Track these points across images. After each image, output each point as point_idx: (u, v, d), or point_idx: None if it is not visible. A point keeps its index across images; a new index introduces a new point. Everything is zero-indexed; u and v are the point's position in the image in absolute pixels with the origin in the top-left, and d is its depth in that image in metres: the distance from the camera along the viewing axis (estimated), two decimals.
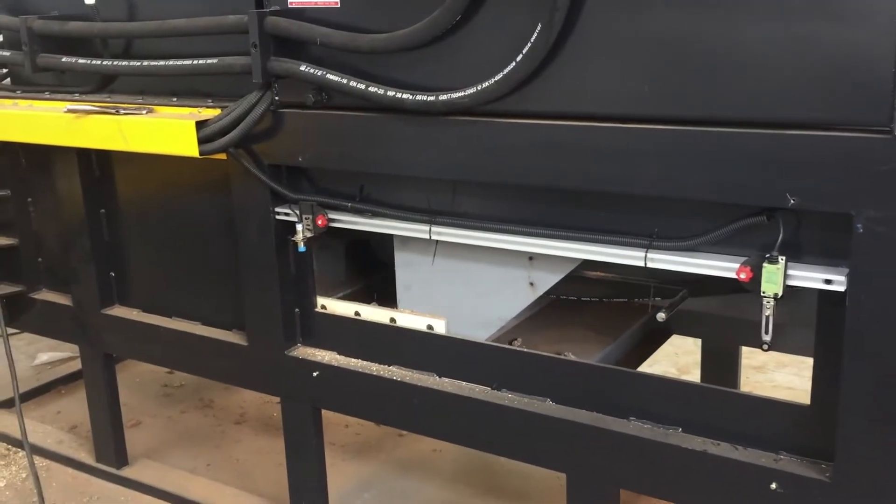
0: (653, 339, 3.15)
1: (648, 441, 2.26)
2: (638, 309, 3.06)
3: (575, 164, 2.15)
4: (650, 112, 2.05)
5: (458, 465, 3.69)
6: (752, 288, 2.00)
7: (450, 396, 2.59)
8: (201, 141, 2.69)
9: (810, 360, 4.36)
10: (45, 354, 5.05)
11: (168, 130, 2.74)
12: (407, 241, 2.72)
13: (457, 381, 2.63)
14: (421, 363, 2.70)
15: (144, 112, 2.87)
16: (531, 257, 2.55)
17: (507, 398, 2.52)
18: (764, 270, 1.96)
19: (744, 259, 2.03)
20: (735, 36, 1.90)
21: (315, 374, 2.84)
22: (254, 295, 2.92)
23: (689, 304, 3.02)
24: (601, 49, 2.08)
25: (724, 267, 2.07)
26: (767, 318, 2.00)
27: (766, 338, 2.03)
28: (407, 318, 2.75)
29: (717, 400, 2.24)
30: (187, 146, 2.71)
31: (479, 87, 2.20)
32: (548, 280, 2.58)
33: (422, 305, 2.76)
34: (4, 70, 3.69)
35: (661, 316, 2.62)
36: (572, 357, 2.59)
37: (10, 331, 4.80)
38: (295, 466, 3.04)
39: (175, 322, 3.27)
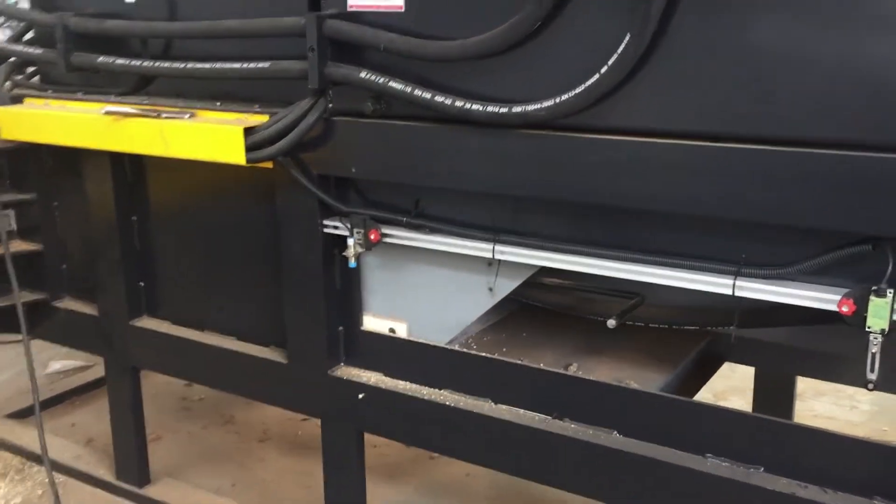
0: (707, 367, 3.01)
1: (728, 480, 2.12)
2: (681, 333, 2.93)
3: (661, 185, 2.02)
4: (746, 131, 1.92)
5: (494, 492, 3.54)
6: (854, 322, 1.87)
7: (507, 424, 2.45)
8: (249, 148, 2.56)
9: (849, 389, 4.29)
10: (57, 363, 4.89)
11: (214, 137, 2.61)
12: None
13: (514, 409, 2.49)
14: (474, 388, 2.56)
15: (187, 116, 2.73)
16: (490, 262, 2.51)
17: (569, 428, 2.38)
18: (871, 304, 1.83)
19: (845, 291, 1.90)
20: (848, 51, 1.77)
21: (361, 395, 2.69)
22: (296, 311, 2.78)
23: (743, 330, 2.89)
24: (692, 62, 1.95)
25: (821, 298, 1.94)
26: (874, 355, 1.86)
27: (872, 376, 1.89)
28: (370, 321, 2.78)
29: (803, 439, 2.10)
30: (234, 154, 2.57)
31: (558, 100, 2.07)
32: (506, 286, 2.54)
33: (386, 309, 2.73)
34: (31, 69, 3.56)
35: (611, 323, 2.54)
36: (635, 386, 2.46)
37: (16, 337, 4.69)
38: (334, 491, 2.90)
39: (208, 336, 3.13)
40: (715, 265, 2.06)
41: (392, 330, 2.73)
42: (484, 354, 2.58)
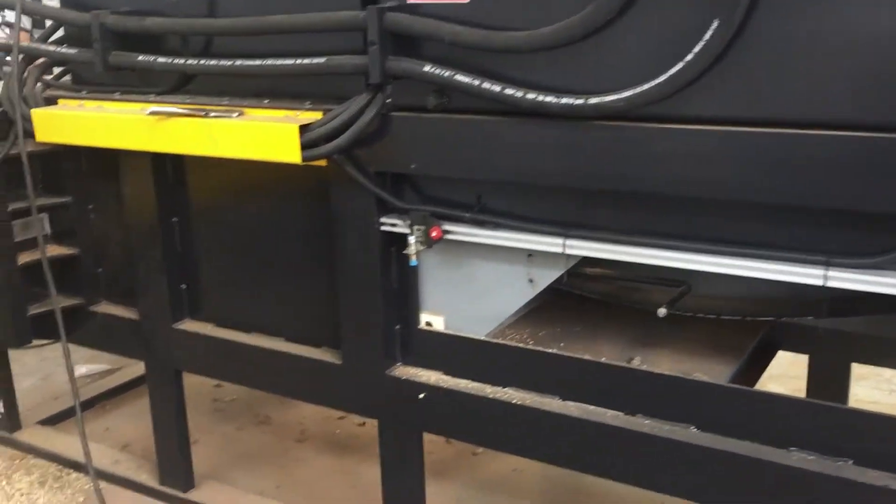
0: (764, 356, 2.98)
1: (816, 475, 2.08)
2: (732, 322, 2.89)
3: (748, 175, 1.97)
4: (838, 117, 1.87)
5: (544, 487, 3.50)
6: None
7: (577, 421, 2.41)
8: (304, 146, 2.49)
9: (887, 373, 4.27)
10: (83, 367, 4.82)
11: (267, 135, 2.55)
12: None
13: (583, 405, 2.45)
14: (539, 385, 2.52)
15: (235, 115, 2.67)
16: (530, 254, 2.48)
17: (645, 425, 2.34)
18: None
19: None
20: None
21: (421, 395, 2.64)
22: (352, 310, 2.73)
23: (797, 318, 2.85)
24: (780, 46, 1.90)
25: None
26: None
27: None
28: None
29: (890, 429, 2.06)
30: (289, 152, 2.51)
31: (638, 89, 2.01)
32: (547, 276, 2.51)
33: (426, 304, 2.71)
34: (59, 69, 3.48)
35: (661, 311, 2.52)
36: (706, 378, 2.42)
37: (39, 342, 4.61)
38: (393, 492, 2.84)
39: (256, 338, 3.07)
40: (805, 256, 2.02)
41: (429, 324, 2.70)
42: (549, 350, 2.53)
